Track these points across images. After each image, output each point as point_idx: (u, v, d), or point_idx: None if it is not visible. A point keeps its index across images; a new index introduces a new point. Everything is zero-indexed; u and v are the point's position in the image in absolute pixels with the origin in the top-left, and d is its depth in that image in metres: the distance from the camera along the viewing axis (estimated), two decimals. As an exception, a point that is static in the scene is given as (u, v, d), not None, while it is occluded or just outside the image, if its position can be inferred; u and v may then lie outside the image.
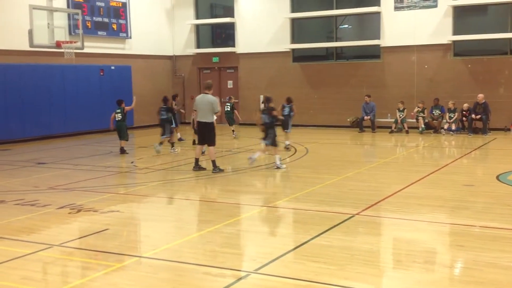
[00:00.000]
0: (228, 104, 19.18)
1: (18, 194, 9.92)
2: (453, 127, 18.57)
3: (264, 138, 12.27)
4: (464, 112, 18.54)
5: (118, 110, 15.09)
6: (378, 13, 20.43)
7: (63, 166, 13.21)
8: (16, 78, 17.73)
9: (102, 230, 7.50)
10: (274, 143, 12.27)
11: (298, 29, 22.47)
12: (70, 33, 17.98)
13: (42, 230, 7.68)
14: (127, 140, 15.25)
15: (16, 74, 17.74)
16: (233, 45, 23.25)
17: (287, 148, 15.12)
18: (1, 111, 17.31)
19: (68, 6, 19.33)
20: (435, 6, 19.46)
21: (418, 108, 19.23)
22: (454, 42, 19.51)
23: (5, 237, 7.23)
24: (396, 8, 20.09)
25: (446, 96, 19.15)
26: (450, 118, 18.70)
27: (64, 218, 8.29)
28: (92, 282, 5.65)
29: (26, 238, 7.23)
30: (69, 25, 18.43)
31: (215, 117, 12.20)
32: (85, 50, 18.07)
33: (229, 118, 19.03)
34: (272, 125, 12.29)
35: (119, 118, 15.03)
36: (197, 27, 24.25)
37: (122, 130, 15.03)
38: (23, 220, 8.14)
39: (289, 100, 15.60)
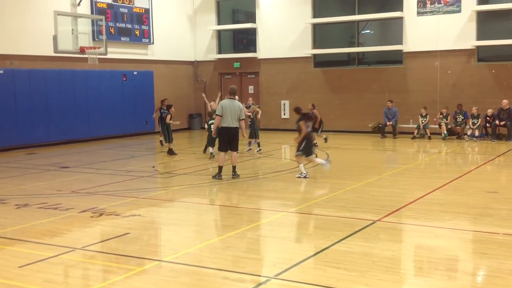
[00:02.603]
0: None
1: (41, 198, 10.05)
2: (477, 133, 18.33)
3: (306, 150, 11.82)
4: (488, 118, 18.29)
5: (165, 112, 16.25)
6: (401, 18, 20.30)
7: (86, 170, 13.37)
8: (41, 83, 18.01)
9: (124, 234, 7.56)
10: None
11: (320, 35, 22.44)
12: (93, 39, 18.20)
13: (65, 233, 7.77)
14: (169, 142, 15.81)
15: (41, 79, 18.03)
16: (255, 51, 23.31)
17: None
18: (27, 116, 17.59)
19: (92, 12, 19.60)
20: (459, 11, 19.26)
21: (441, 115, 19.03)
22: (478, 47, 19.28)
23: (28, 240, 7.33)
24: (419, 13, 19.94)
25: (470, 101, 18.92)
26: (474, 124, 18.47)
27: (86, 221, 8.38)
28: (113, 285, 5.70)
29: (49, 241, 7.32)
30: (93, 31, 18.65)
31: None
32: (108, 56, 18.28)
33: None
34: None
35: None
36: (219, 32, 24.37)
37: (162, 130, 16.05)
38: (46, 223, 8.25)
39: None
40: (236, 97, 11.92)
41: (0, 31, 17.12)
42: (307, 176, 11.68)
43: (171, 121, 16.06)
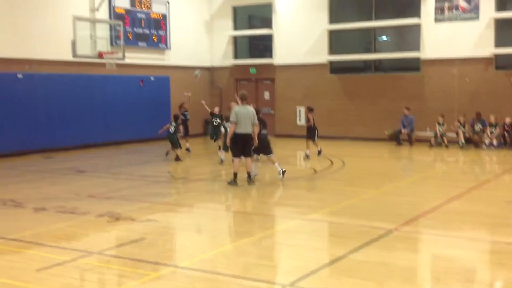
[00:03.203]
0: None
1: (58, 202, 10.13)
2: (495, 142, 18.12)
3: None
4: (506, 127, 18.09)
5: (174, 124, 15.93)
6: (418, 25, 20.19)
7: (102, 175, 13.45)
8: (59, 87, 18.17)
9: (139, 239, 7.59)
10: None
11: (336, 41, 22.39)
12: (111, 44, 18.34)
13: (81, 237, 7.82)
14: (180, 148, 15.82)
15: (59, 84, 18.19)
16: (271, 56, 23.33)
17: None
18: (44, 120, 17.76)
19: (110, 18, 19.76)
20: (477, 18, 19.10)
21: (459, 123, 18.87)
22: (496, 55, 19.10)
23: (45, 244, 7.39)
24: (437, 20, 19.82)
25: (488, 110, 18.71)
26: (492, 132, 18.27)
27: (102, 226, 8.43)
28: (129, 290, 5.73)
29: (66, 245, 7.37)
30: (111, 36, 18.82)
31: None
32: (126, 61, 18.41)
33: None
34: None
35: (172, 131, 15.80)
36: (235, 38, 24.44)
37: (173, 141, 15.76)
38: (63, 227, 8.31)
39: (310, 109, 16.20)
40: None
41: (19, 35, 17.34)
42: (284, 170, 12.05)
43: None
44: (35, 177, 13.21)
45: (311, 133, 16.01)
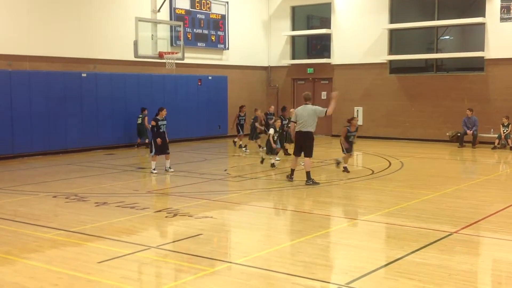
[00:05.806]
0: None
1: (119, 197, 10.43)
2: None
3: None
4: None
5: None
6: (483, 24, 19.53)
7: (160, 172, 13.72)
8: (120, 86, 18.71)
9: (196, 235, 7.70)
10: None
11: (396, 40, 21.98)
12: (171, 44, 18.69)
13: (141, 232, 8.02)
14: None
15: (120, 83, 18.73)
16: (329, 56, 23.16)
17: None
18: (107, 118, 18.32)
19: (171, 18, 20.17)
20: (546, 16, 18.32)
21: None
22: None
23: (107, 237, 7.63)
24: (502, 19, 19.11)
25: (557, 111, 17.91)
26: (561, 135, 17.47)
27: (161, 221, 8.62)
28: (185, 284, 5.82)
29: (126, 239, 7.58)
30: (171, 37, 19.18)
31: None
32: (185, 61, 18.73)
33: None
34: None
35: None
36: (293, 38, 24.41)
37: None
38: (124, 221, 8.55)
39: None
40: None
41: (84, 37, 17.96)
42: (154, 171, 13.23)
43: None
44: (97, 173, 13.64)
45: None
